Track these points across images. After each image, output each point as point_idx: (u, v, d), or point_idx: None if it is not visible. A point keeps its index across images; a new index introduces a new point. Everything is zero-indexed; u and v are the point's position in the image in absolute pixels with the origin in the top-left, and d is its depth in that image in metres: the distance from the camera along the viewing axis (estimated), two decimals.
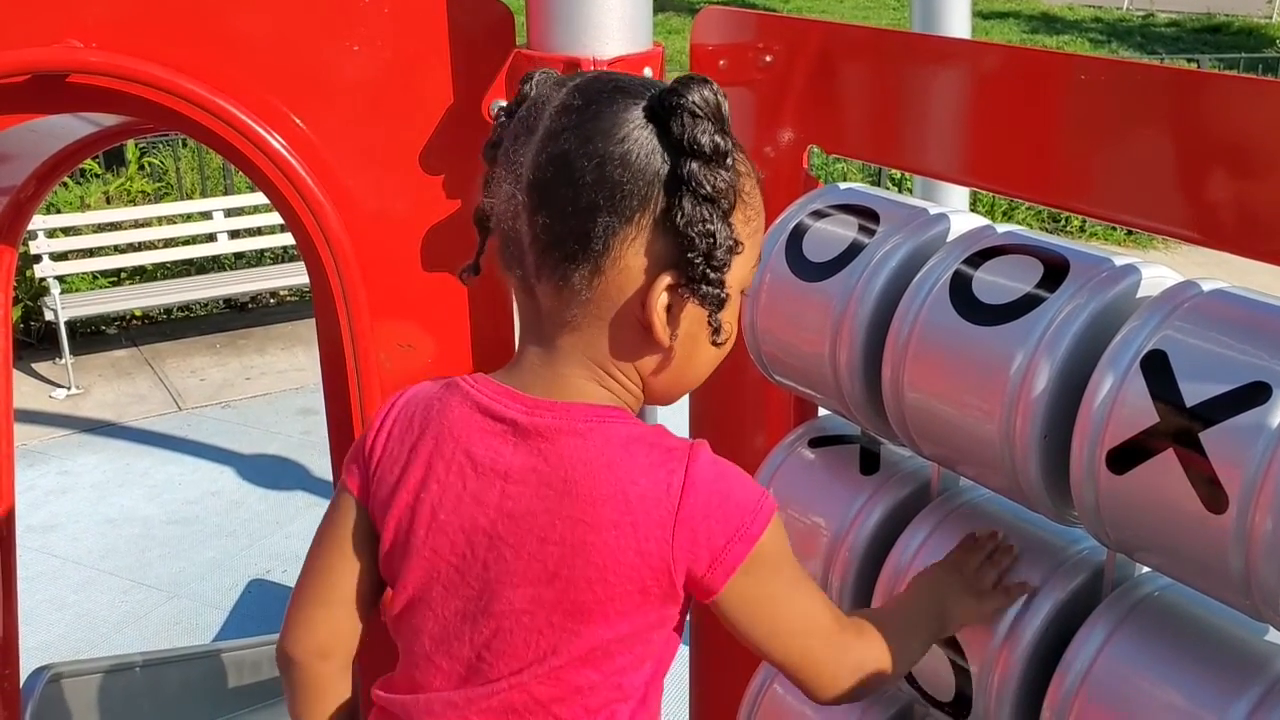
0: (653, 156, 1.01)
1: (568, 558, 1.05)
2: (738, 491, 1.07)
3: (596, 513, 1.04)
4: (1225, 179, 1.09)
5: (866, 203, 1.33)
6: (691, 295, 1.03)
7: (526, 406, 1.09)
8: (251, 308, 8.40)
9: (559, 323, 1.08)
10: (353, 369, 1.72)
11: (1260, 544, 0.92)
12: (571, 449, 1.06)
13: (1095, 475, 1.03)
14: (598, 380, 1.09)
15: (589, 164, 1.01)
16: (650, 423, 1.14)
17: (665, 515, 1.03)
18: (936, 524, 1.29)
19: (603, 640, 1.07)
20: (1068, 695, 1.11)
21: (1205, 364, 0.97)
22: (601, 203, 1.01)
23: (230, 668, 3.45)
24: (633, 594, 1.05)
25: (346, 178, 1.67)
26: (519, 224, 1.06)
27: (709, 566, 1.04)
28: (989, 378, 1.11)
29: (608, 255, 1.03)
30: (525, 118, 1.07)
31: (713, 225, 1.01)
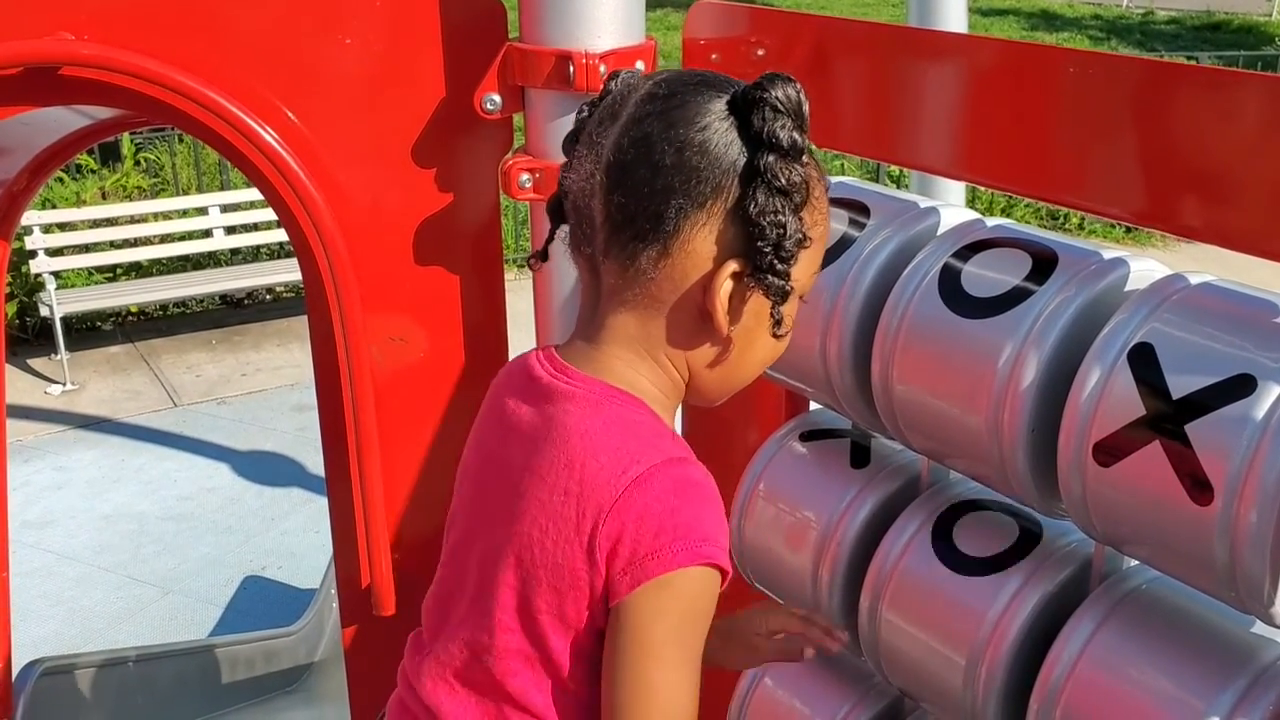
0: (731, 147, 1.03)
1: (521, 510, 1.08)
2: (687, 519, 1.03)
3: (554, 474, 1.06)
4: (1221, 174, 1.09)
5: (857, 196, 1.33)
6: (756, 284, 1.05)
7: (555, 370, 1.12)
8: (248, 304, 8.39)
9: (618, 301, 1.10)
10: (344, 362, 1.72)
11: (1245, 536, 0.92)
12: (566, 414, 1.08)
13: (1082, 468, 1.03)
14: (635, 366, 1.10)
15: (669, 148, 1.03)
16: None
17: (607, 497, 1.03)
18: (926, 517, 1.29)
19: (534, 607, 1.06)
20: (1055, 687, 1.11)
21: (1192, 356, 0.97)
22: (677, 185, 1.03)
23: (224, 663, 3.45)
24: (563, 565, 1.05)
25: (338, 171, 1.67)
26: (594, 201, 1.08)
27: (624, 566, 1.02)
28: (977, 370, 1.11)
29: (677, 238, 1.04)
30: (610, 104, 1.10)
31: (784, 217, 1.03)
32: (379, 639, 1.85)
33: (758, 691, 1.55)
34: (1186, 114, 1.12)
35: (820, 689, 1.50)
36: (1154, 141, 1.14)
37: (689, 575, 1.02)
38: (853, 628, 1.37)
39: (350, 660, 1.91)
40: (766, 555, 1.46)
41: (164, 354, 7.59)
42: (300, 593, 4.69)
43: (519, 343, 1.86)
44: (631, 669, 1.02)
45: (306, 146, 1.64)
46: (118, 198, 8.39)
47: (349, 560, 1.84)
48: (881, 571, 1.30)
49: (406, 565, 1.81)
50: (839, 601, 1.38)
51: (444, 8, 1.63)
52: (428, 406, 1.82)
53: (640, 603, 1.02)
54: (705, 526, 1.04)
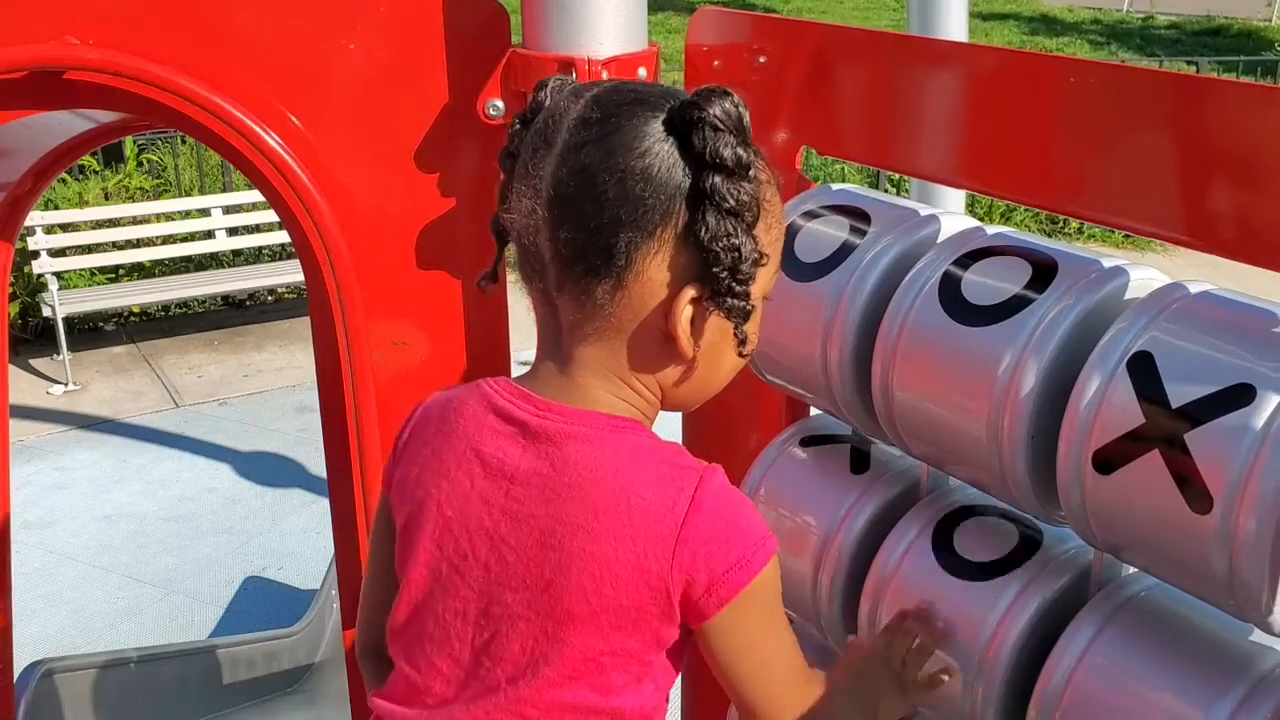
0: (674, 170, 1.00)
1: (564, 564, 1.05)
2: (744, 521, 1.06)
3: (598, 521, 1.04)
4: (1220, 183, 1.10)
5: (858, 204, 1.34)
6: (716, 308, 1.03)
7: (538, 409, 1.09)
8: (250, 305, 8.40)
9: (579, 335, 1.08)
10: (347, 366, 1.72)
11: (1243, 544, 0.92)
12: (579, 455, 1.06)
13: (1081, 475, 1.04)
14: (614, 391, 1.09)
15: (610, 179, 1.00)
16: None
17: (668, 531, 1.03)
18: (925, 523, 1.30)
19: (594, 652, 1.06)
20: (1054, 694, 1.11)
21: (1191, 365, 0.98)
22: (624, 217, 1.01)
23: (225, 664, 3.46)
24: (628, 608, 1.04)
25: (342, 175, 1.68)
26: (539, 238, 1.06)
27: (705, 590, 1.03)
28: (977, 378, 1.12)
29: (630, 269, 1.02)
30: (543, 130, 1.06)
31: (737, 239, 1.01)
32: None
33: None
34: (1186, 122, 1.12)
35: None
36: (1154, 150, 1.15)
37: (768, 570, 1.05)
38: (852, 632, 1.38)
39: (351, 661, 1.91)
40: None
41: (166, 355, 7.60)
42: (301, 593, 4.70)
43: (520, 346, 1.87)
44: (748, 667, 1.07)
45: (310, 151, 1.65)
46: (120, 198, 8.40)
47: (350, 561, 1.84)
48: (881, 577, 1.31)
49: None
50: (839, 606, 1.38)
51: (447, 13, 1.64)
52: None
53: (735, 615, 1.04)
54: (758, 523, 1.07)
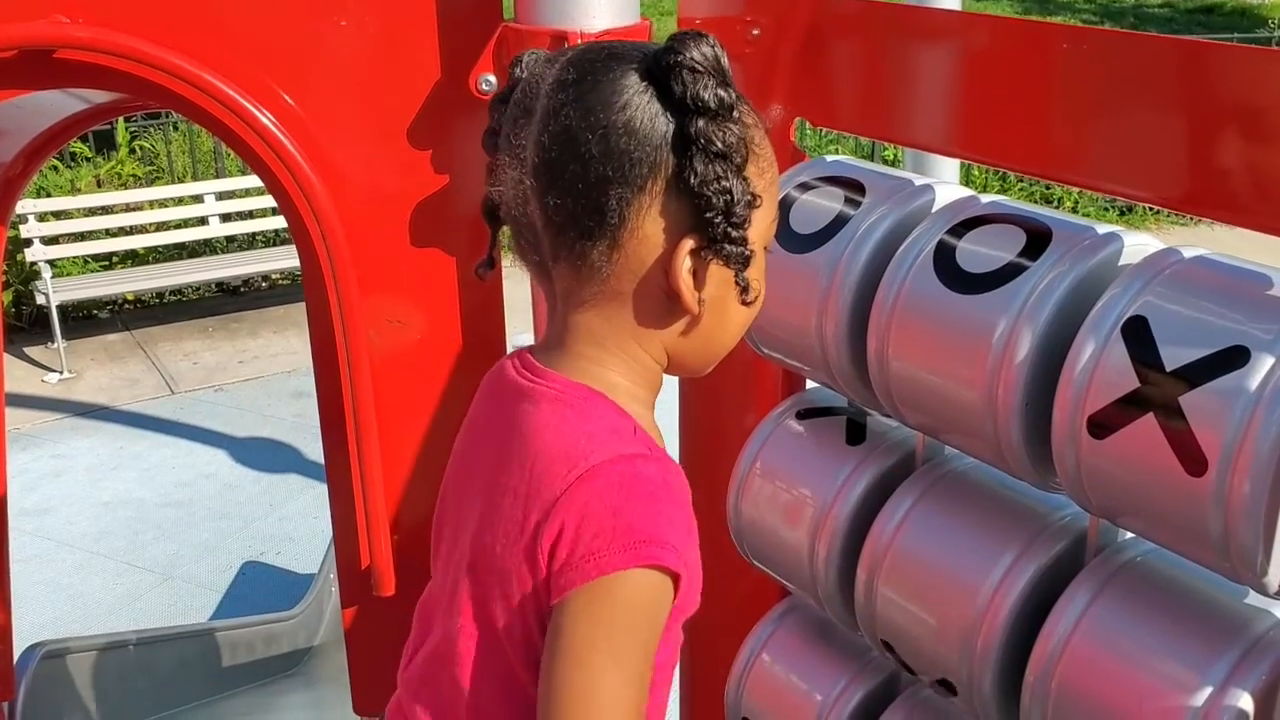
0: (656, 120, 0.98)
1: (480, 519, 1.06)
2: (633, 516, 0.97)
3: (508, 478, 1.04)
4: (1217, 148, 1.10)
5: (853, 175, 1.34)
6: (715, 256, 1.01)
7: (533, 376, 1.08)
8: (244, 291, 8.39)
9: (576, 302, 1.06)
10: (342, 344, 1.72)
11: (1238, 506, 0.93)
12: (524, 414, 1.06)
13: (1077, 441, 1.04)
14: (605, 360, 1.06)
15: (593, 137, 0.98)
16: None
17: (550, 497, 0.99)
18: (921, 493, 1.30)
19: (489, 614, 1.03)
20: (1051, 659, 1.12)
21: (1185, 329, 0.98)
22: (611, 174, 0.98)
23: (224, 647, 3.46)
24: (510, 572, 1.01)
25: (335, 153, 1.67)
26: (530, 209, 1.04)
27: (560, 567, 0.98)
28: (972, 346, 1.12)
29: (624, 227, 1.00)
30: (521, 100, 1.04)
31: (728, 182, 0.98)
32: (379, 620, 1.86)
33: (755, 667, 1.56)
34: (1182, 87, 1.12)
35: (817, 664, 1.51)
36: (1149, 116, 1.15)
37: (627, 579, 0.96)
38: (849, 603, 1.38)
39: (351, 641, 1.92)
40: (763, 532, 1.47)
41: (161, 342, 7.59)
42: (299, 577, 4.70)
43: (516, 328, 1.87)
44: (564, 675, 0.97)
45: (303, 129, 1.64)
46: (113, 186, 8.38)
47: (348, 541, 1.84)
48: (877, 547, 1.31)
49: (406, 546, 1.82)
50: (835, 577, 1.39)
51: None
52: (425, 388, 1.83)
53: (575, 606, 0.97)
54: (652, 526, 0.98)
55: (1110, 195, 1.21)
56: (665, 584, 0.99)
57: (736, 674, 1.58)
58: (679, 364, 1.10)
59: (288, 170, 1.62)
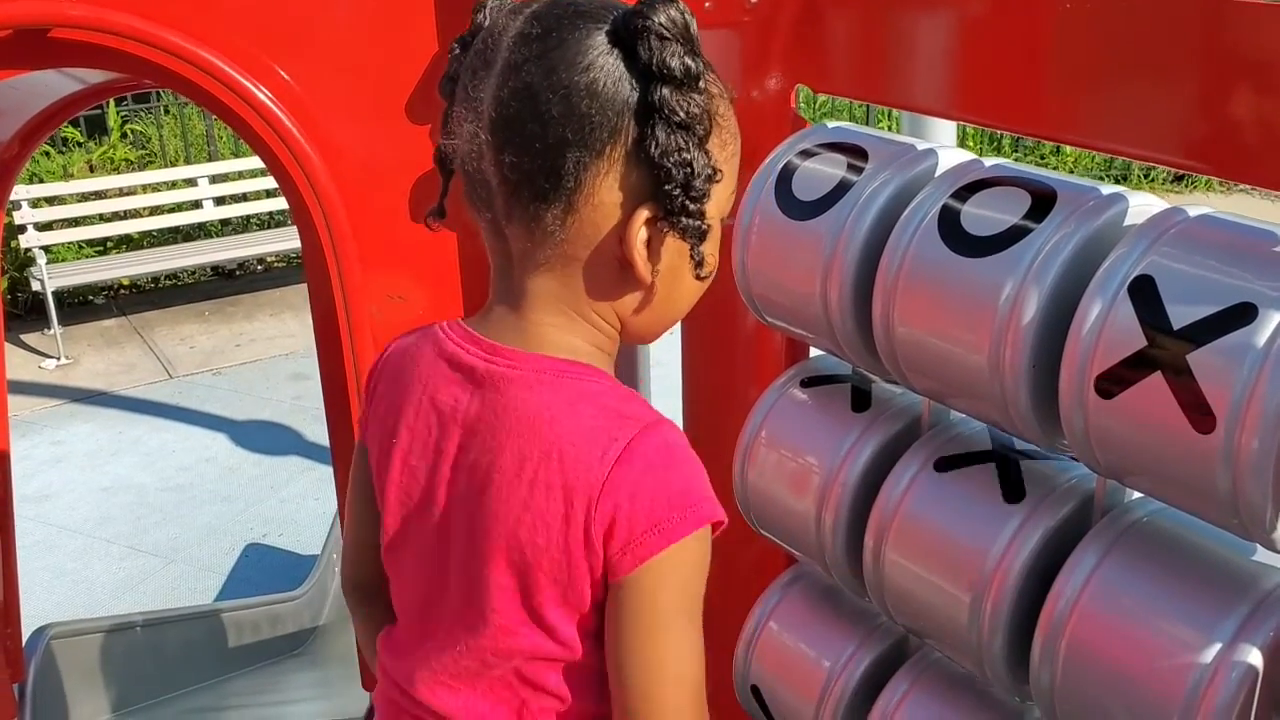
0: (620, 84, 0.96)
1: (500, 513, 1.02)
2: (677, 482, 1.00)
3: (533, 471, 1.00)
4: (1221, 105, 1.09)
5: (855, 140, 1.33)
6: (671, 228, 0.99)
7: (486, 353, 1.05)
8: (239, 274, 8.38)
9: (531, 265, 1.04)
10: (344, 322, 1.72)
11: (1246, 463, 0.93)
12: (518, 400, 1.02)
13: (1084, 401, 1.04)
14: (567, 327, 1.05)
15: (554, 96, 0.96)
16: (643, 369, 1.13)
17: (595, 481, 0.98)
18: (927, 458, 1.30)
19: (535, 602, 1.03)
20: (1060, 620, 1.12)
21: (1192, 287, 0.98)
22: (570, 137, 0.96)
23: (230, 628, 3.48)
24: (558, 559, 1.00)
25: (333, 129, 1.67)
26: (484, 165, 1.01)
27: (622, 548, 0.99)
28: (978, 309, 1.12)
29: (580, 191, 0.98)
30: (482, 50, 1.01)
31: (689, 154, 0.97)
32: None
33: (763, 635, 1.57)
34: (1183, 45, 1.11)
35: (825, 630, 1.52)
36: (1149, 74, 1.14)
37: (690, 543, 1.00)
38: (857, 570, 1.38)
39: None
40: (770, 500, 1.47)
41: (157, 326, 7.58)
42: (302, 559, 4.72)
43: None
44: (642, 644, 1.00)
45: (300, 105, 1.64)
46: (105, 170, 8.35)
47: None
48: (884, 513, 1.31)
49: None
50: (843, 544, 1.39)
51: None
52: None
53: (645, 580, 0.99)
54: (696, 485, 1.01)
55: (1115, 155, 1.20)
56: (711, 537, 1.03)
57: (744, 642, 1.58)
58: (630, 333, 1.10)
59: (286, 147, 1.61)
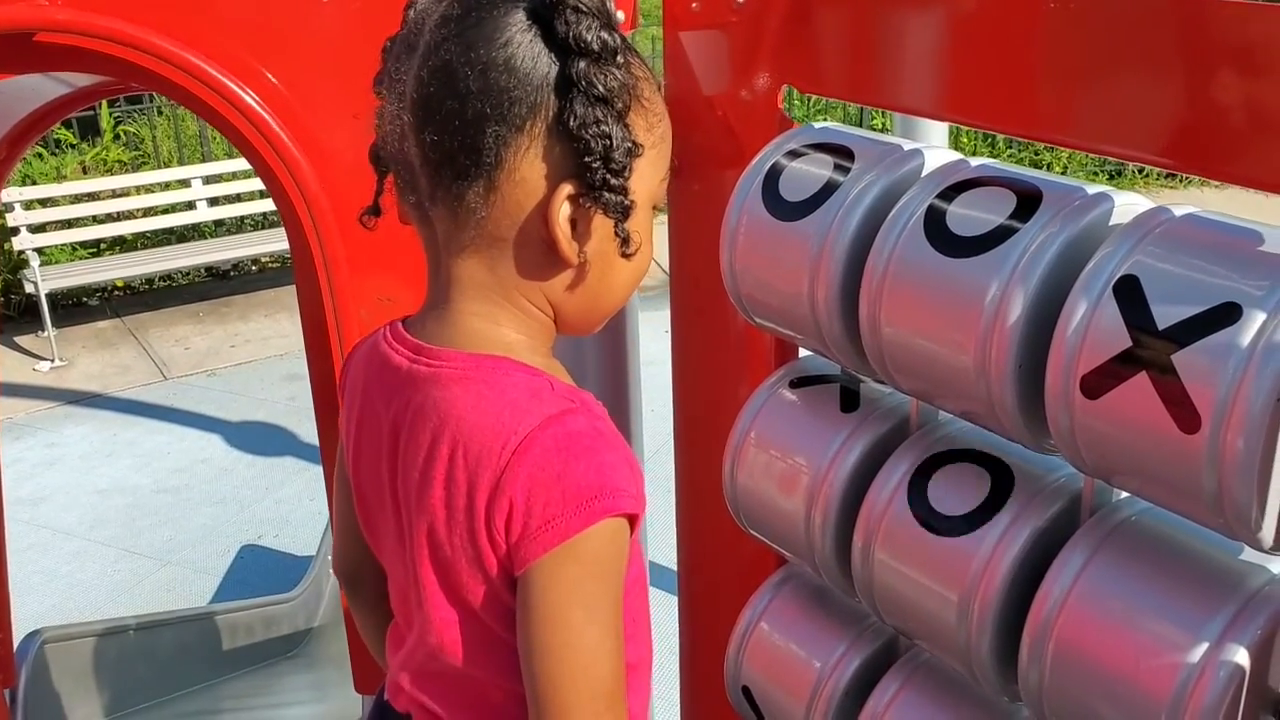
0: (539, 59, 0.97)
1: (426, 513, 1.03)
2: (576, 475, 0.98)
3: (443, 468, 1.01)
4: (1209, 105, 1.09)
5: (841, 141, 1.33)
6: (594, 204, 0.99)
7: (412, 354, 1.05)
8: (233, 275, 8.37)
9: (457, 248, 1.03)
10: (334, 325, 1.72)
11: (1232, 462, 0.93)
12: (440, 400, 1.03)
13: (1070, 401, 1.04)
14: (495, 316, 1.04)
15: (472, 72, 0.96)
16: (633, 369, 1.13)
17: (493, 474, 0.98)
18: (915, 458, 1.30)
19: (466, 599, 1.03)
20: (1048, 619, 1.12)
21: (1177, 287, 0.98)
22: (489, 112, 0.96)
23: (225, 630, 3.47)
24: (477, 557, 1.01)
25: (321, 132, 1.66)
26: (407, 146, 1.02)
27: (517, 542, 0.99)
28: (964, 309, 1.12)
29: (501, 168, 0.98)
30: (406, 37, 1.03)
31: (607, 126, 0.97)
32: None
33: (754, 636, 1.57)
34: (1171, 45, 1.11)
35: (816, 631, 1.52)
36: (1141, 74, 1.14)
37: (587, 537, 0.98)
38: (846, 570, 1.38)
39: (351, 622, 1.92)
40: (759, 501, 1.47)
41: (151, 328, 7.57)
42: (297, 560, 4.72)
43: None
44: (541, 638, 0.98)
45: (288, 108, 1.63)
46: (98, 172, 8.33)
47: None
48: (873, 513, 1.31)
49: None
50: (832, 544, 1.39)
51: None
52: None
53: (541, 575, 0.98)
54: (597, 479, 0.99)
55: (1104, 156, 1.20)
56: (622, 527, 1.01)
57: (735, 643, 1.58)
58: (564, 321, 1.09)
59: (273, 150, 1.61)
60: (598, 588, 1.00)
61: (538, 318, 1.07)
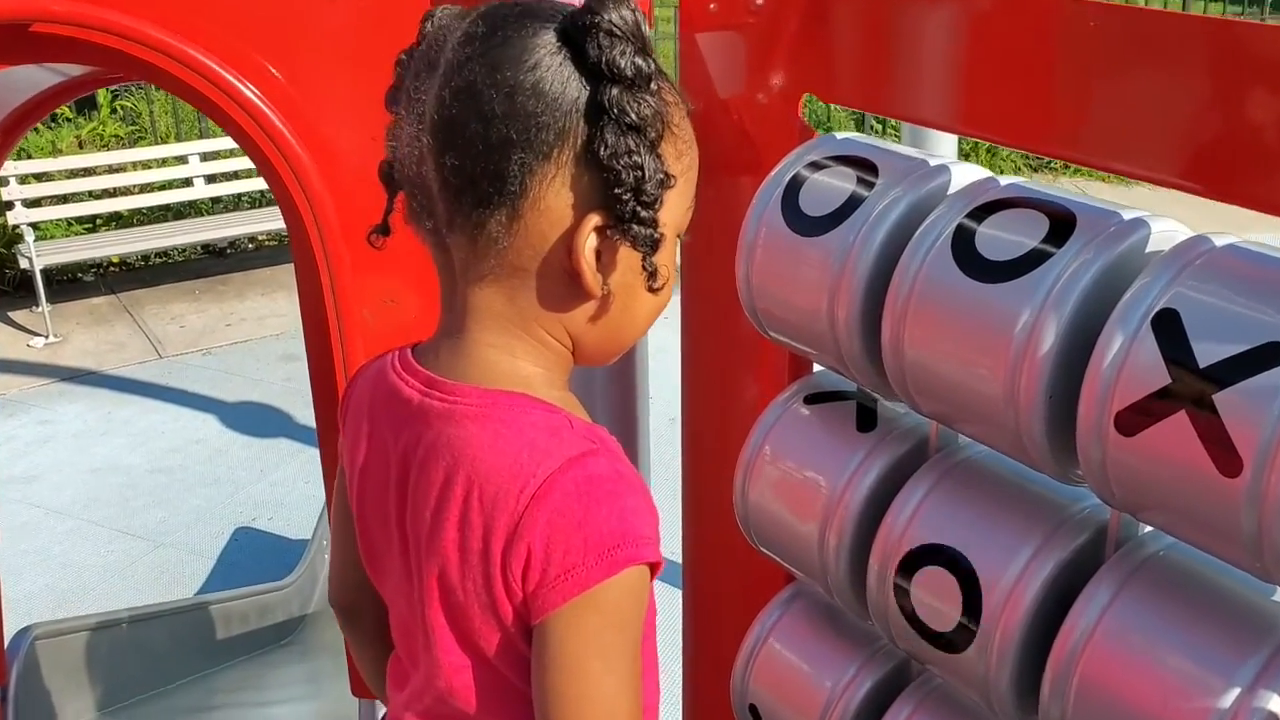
0: (569, 84, 0.92)
1: (438, 556, 0.99)
2: (597, 522, 0.94)
3: (457, 510, 0.97)
4: (1230, 126, 1.05)
5: (864, 154, 1.29)
6: (622, 237, 0.95)
7: (424, 387, 1.01)
8: (230, 253, 8.31)
9: (475, 277, 0.99)
10: (335, 324, 1.68)
11: (1274, 506, 0.89)
12: (453, 438, 0.98)
13: (1103, 437, 1.00)
14: (513, 348, 1.00)
15: (498, 95, 0.92)
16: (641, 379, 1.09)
17: (510, 519, 0.94)
18: (935, 482, 1.27)
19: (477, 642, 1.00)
20: (1071, 658, 1.09)
21: (1219, 323, 0.94)
22: (515, 137, 0.92)
23: (218, 620, 3.45)
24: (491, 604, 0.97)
25: (325, 129, 1.62)
26: (425, 169, 0.98)
27: (534, 590, 0.95)
28: (993, 337, 1.08)
29: (526, 197, 0.94)
30: (425, 53, 0.99)
31: (639, 156, 0.93)
32: None
33: (762, 653, 1.54)
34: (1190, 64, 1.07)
35: (826, 650, 1.49)
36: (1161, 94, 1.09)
37: (608, 588, 0.94)
38: (860, 592, 1.35)
39: None
40: (771, 519, 1.44)
41: (147, 305, 7.52)
42: (292, 543, 4.69)
43: None
44: (560, 690, 0.95)
45: (291, 104, 1.59)
46: (95, 147, 8.26)
47: None
48: (890, 537, 1.28)
49: None
50: (846, 565, 1.36)
51: None
52: None
53: (560, 625, 0.95)
54: (618, 526, 0.95)
55: (1118, 175, 1.16)
56: (644, 576, 0.97)
57: (743, 660, 1.55)
58: (583, 353, 1.05)
59: (276, 147, 1.57)
60: (617, 638, 0.97)
61: (556, 349, 1.03)
